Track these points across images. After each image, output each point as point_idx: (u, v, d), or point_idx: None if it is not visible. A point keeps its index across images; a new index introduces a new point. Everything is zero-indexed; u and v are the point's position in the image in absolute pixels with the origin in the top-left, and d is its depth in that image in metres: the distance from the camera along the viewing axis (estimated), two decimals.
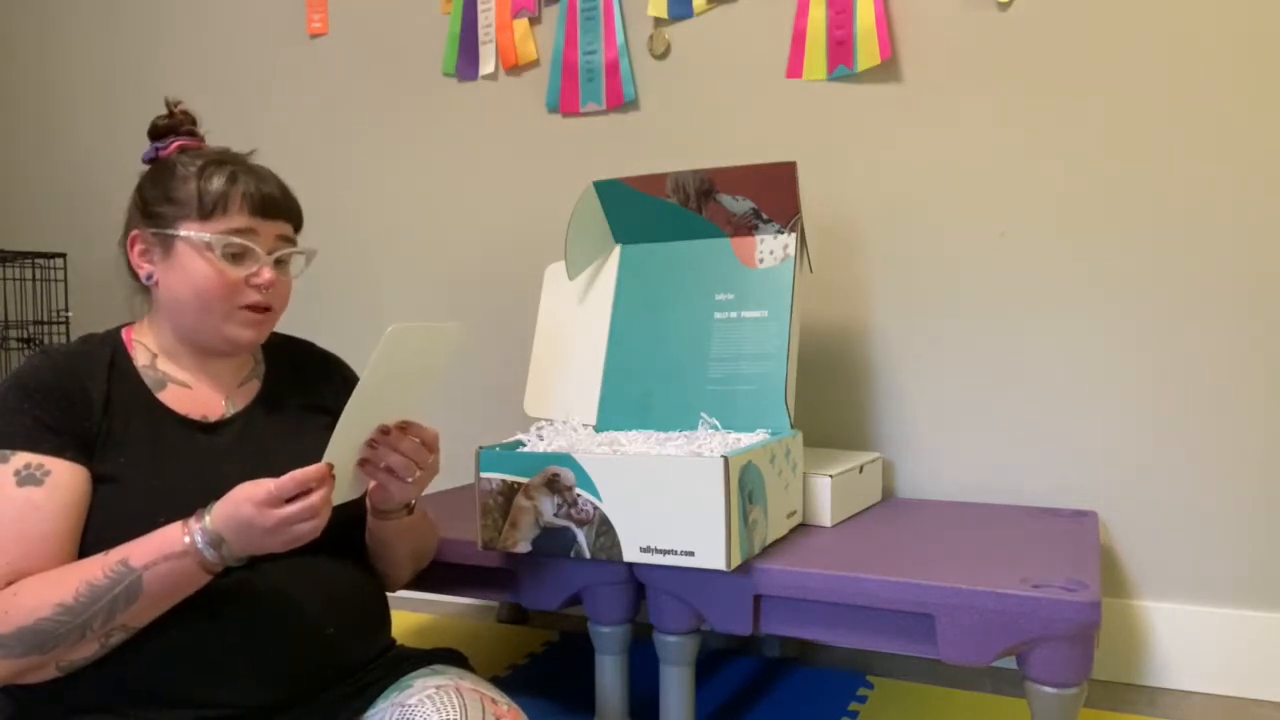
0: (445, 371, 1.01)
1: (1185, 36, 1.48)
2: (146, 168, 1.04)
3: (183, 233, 0.96)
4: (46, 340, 2.35)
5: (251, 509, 0.83)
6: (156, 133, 1.05)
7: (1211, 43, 1.47)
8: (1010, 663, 1.09)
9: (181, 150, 1.02)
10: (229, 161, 1.00)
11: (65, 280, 2.37)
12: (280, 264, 1.02)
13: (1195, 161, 1.49)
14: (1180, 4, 1.48)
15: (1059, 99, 1.56)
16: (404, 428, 0.97)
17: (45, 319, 2.35)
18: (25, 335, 2.33)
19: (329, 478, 0.87)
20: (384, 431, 0.95)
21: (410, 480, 0.98)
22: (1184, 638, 1.51)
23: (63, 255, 2.36)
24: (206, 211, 0.96)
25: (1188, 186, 1.49)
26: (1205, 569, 1.51)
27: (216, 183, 0.97)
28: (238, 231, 0.97)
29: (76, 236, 2.47)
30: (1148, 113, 1.51)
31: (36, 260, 2.34)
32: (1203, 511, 1.51)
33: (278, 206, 1.01)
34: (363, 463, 0.95)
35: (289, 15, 2.19)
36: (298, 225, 1.05)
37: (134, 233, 1.00)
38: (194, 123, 1.07)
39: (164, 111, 1.06)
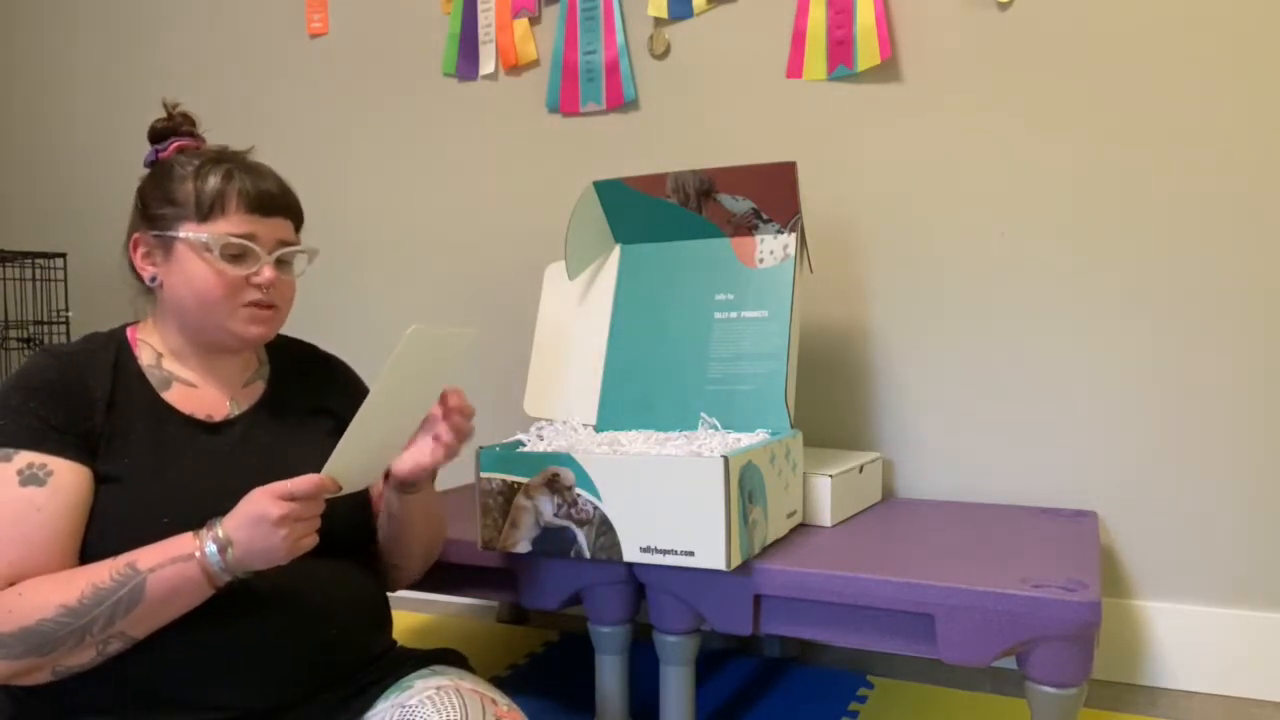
0: (456, 377, 1.03)
1: (1188, 35, 1.48)
2: (146, 171, 1.03)
3: (182, 234, 0.97)
4: (46, 340, 2.35)
5: (267, 498, 0.85)
6: (155, 135, 1.05)
7: (1215, 41, 1.47)
8: (1010, 663, 1.09)
9: (180, 151, 1.03)
10: (226, 160, 1.00)
11: (65, 280, 2.36)
12: (282, 263, 1.02)
13: (1197, 162, 1.49)
14: (1183, 2, 1.48)
15: (1059, 99, 1.56)
16: (444, 400, 1.02)
17: (45, 319, 2.34)
18: (25, 335, 2.33)
19: (331, 489, 0.89)
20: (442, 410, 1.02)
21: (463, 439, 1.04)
22: (1184, 638, 1.51)
23: (63, 255, 2.36)
24: (204, 212, 0.96)
25: (1189, 187, 1.49)
26: (1205, 569, 1.51)
27: (213, 182, 0.97)
28: (236, 233, 0.97)
29: (76, 236, 2.47)
30: (1149, 113, 1.51)
31: (36, 260, 2.33)
32: (1203, 511, 1.51)
33: (276, 204, 1.01)
34: (425, 437, 1.02)
35: (289, 15, 2.19)
36: (298, 222, 1.05)
37: (135, 236, 1.01)
38: (193, 124, 1.07)
39: (163, 113, 1.06)
